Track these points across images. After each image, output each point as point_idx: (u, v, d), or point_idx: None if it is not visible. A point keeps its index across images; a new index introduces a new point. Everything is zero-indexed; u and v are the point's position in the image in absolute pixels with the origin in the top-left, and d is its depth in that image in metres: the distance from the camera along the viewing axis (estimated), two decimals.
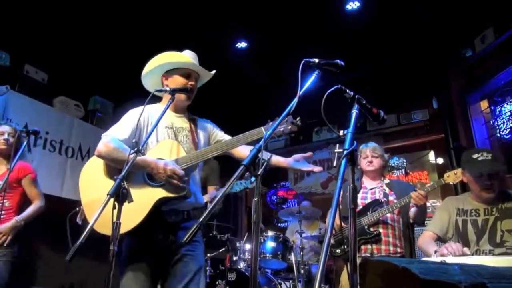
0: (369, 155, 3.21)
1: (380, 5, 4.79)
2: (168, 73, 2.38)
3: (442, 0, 4.63)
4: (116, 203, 1.76)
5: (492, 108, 5.22)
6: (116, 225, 1.76)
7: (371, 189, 3.20)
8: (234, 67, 5.84)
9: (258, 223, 1.50)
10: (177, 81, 2.34)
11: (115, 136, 2.18)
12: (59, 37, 4.97)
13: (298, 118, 2.16)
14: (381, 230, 2.97)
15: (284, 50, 5.53)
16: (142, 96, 2.14)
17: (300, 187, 7.58)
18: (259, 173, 1.47)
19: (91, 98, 5.96)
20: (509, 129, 4.91)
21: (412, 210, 2.98)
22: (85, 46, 5.17)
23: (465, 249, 2.29)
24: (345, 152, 1.42)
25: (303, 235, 4.86)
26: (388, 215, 2.98)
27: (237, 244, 4.95)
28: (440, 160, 6.80)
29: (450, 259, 2.04)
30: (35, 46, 4.99)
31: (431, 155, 6.85)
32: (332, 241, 3.13)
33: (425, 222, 3.15)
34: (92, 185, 2.20)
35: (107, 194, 1.70)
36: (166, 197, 2.09)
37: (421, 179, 6.53)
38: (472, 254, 2.42)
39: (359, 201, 3.09)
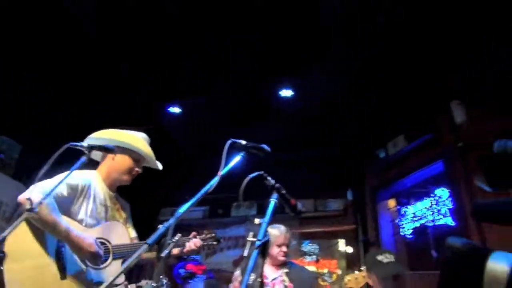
0: (285, 244, 3.05)
1: (312, 101, 5.12)
2: (120, 149, 2.27)
3: (365, 102, 5.10)
4: None
5: (398, 208, 5.64)
6: None
7: (272, 280, 3.00)
8: (164, 131, 5.74)
9: None
10: (125, 161, 2.27)
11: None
12: None
13: (221, 239, 2.24)
14: None
15: (215, 122, 5.58)
16: (57, 140, 1.90)
17: (211, 263, 7.22)
18: (162, 255, 1.34)
19: None
20: (412, 230, 5.29)
21: None
22: None
23: None
24: (258, 243, 1.36)
25: None
26: None
27: None
28: (350, 250, 7.02)
29: None
30: None
31: (342, 244, 7.06)
32: None
33: None
34: None
35: None
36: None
37: (330, 267, 6.62)
38: None
39: None
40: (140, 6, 3.77)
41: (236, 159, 1.81)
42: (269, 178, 1.66)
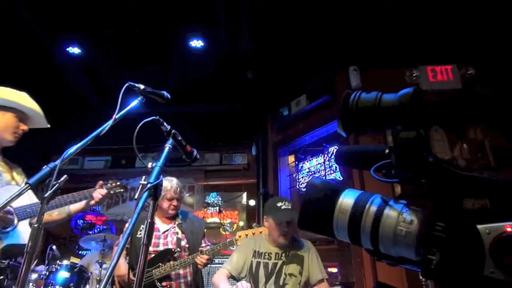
0: (175, 197, 3.02)
1: (220, 53, 5.09)
2: (1, 107, 2.09)
3: (271, 60, 5.24)
4: None
5: (296, 163, 6.05)
6: None
7: (164, 232, 3.02)
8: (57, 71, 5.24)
9: (33, 254, 1.30)
10: (9, 120, 2.09)
11: None
12: None
13: (128, 186, 2.47)
14: (173, 283, 2.87)
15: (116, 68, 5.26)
16: None
17: (112, 214, 7.08)
18: (46, 195, 1.30)
19: None
20: (306, 183, 5.77)
21: None
22: None
23: None
24: (149, 185, 1.38)
25: (104, 266, 4.51)
26: (181, 271, 2.90)
27: None
28: (252, 202, 7.42)
29: None
30: None
31: (244, 197, 7.42)
32: None
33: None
34: None
35: None
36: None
37: (232, 218, 6.97)
38: None
39: (150, 248, 2.81)
40: None
41: (133, 103, 1.78)
42: (165, 123, 1.67)
